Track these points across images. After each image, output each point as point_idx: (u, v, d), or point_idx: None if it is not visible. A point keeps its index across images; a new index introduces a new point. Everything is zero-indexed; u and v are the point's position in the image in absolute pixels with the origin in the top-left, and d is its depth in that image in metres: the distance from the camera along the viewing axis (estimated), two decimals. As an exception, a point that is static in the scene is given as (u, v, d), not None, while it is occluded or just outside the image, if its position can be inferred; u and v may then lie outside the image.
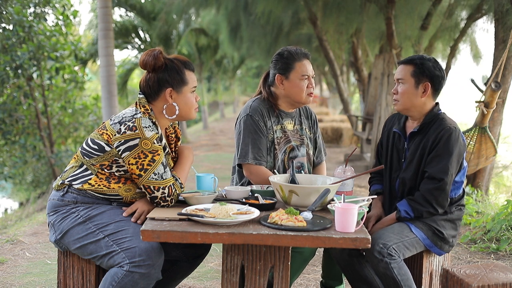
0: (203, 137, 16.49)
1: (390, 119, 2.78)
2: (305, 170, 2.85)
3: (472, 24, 8.01)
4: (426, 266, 2.54)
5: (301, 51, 2.78)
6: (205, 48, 18.55)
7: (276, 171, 2.76)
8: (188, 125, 22.17)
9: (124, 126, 2.22)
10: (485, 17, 7.21)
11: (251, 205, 2.23)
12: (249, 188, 2.51)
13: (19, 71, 10.02)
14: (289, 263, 2.07)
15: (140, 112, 2.29)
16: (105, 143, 2.26)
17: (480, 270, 2.49)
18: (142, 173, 2.22)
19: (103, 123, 2.35)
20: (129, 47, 14.55)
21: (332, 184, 2.36)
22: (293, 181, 2.47)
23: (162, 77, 2.33)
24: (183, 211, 2.09)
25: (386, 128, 2.76)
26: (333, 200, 2.27)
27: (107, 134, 2.26)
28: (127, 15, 14.43)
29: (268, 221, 2.01)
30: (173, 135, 2.51)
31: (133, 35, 14.21)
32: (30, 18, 10.20)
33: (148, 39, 14.24)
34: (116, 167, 2.28)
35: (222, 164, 9.59)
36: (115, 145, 2.23)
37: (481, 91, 4.73)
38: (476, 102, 4.73)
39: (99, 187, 2.29)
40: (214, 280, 3.48)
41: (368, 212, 2.60)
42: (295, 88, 2.75)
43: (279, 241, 1.91)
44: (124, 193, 2.32)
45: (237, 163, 2.78)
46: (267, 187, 2.56)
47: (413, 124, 2.60)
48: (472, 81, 4.81)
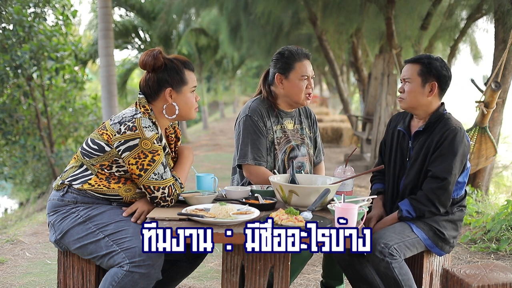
0: (203, 137, 16.49)
1: (394, 117, 2.77)
2: (305, 170, 2.84)
3: (472, 24, 8.02)
4: (426, 266, 2.54)
5: (302, 51, 2.77)
6: (205, 48, 18.55)
7: (276, 171, 2.76)
8: (188, 125, 22.17)
9: (124, 126, 2.22)
10: (485, 17, 7.22)
11: (251, 205, 2.23)
12: (249, 188, 2.51)
13: (19, 71, 10.01)
14: (290, 263, 2.07)
15: (140, 112, 2.29)
16: (105, 143, 2.26)
17: (480, 270, 2.49)
18: (142, 173, 2.22)
19: (103, 123, 2.35)
20: (129, 47, 14.55)
21: (332, 184, 2.36)
22: (293, 181, 2.47)
23: (162, 77, 2.33)
24: (183, 211, 2.09)
25: (391, 126, 2.74)
26: (333, 200, 2.27)
27: (107, 134, 2.26)
28: (127, 15, 14.43)
29: (268, 221, 2.01)
30: (173, 135, 2.51)
31: (133, 35, 14.21)
32: (30, 18, 10.19)
33: (148, 39, 14.24)
34: (116, 167, 2.28)
35: (222, 164, 9.59)
36: (115, 145, 2.23)
37: (481, 91, 4.73)
38: (476, 102, 4.73)
39: (99, 187, 2.29)
40: (214, 280, 3.48)
41: (368, 212, 2.60)
42: (294, 88, 2.75)
43: (279, 241, 1.90)
44: (124, 193, 2.32)
45: (236, 163, 2.78)
46: (267, 187, 2.56)
47: (418, 123, 2.60)
48: (472, 81, 4.81)
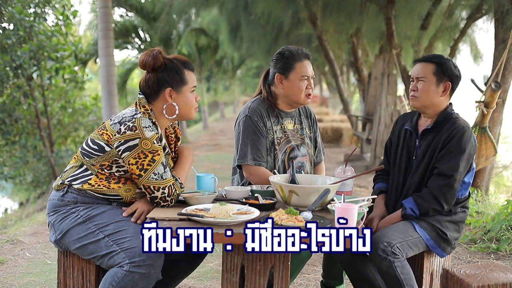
0: (203, 137, 16.48)
1: (401, 117, 2.79)
2: (305, 170, 2.84)
3: (472, 24, 8.01)
4: (426, 266, 2.54)
5: (302, 51, 2.77)
6: (205, 48, 18.55)
7: (276, 171, 2.76)
8: (188, 125, 22.17)
9: (124, 126, 2.22)
10: (485, 17, 7.21)
11: (251, 205, 2.23)
12: (249, 188, 2.51)
13: (19, 71, 10.01)
14: (290, 263, 2.07)
15: (140, 112, 2.29)
16: (105, 143, 2.26)
17: (480, 270, 2.49)
18: (142, 173, 2.22)
19: (103, 123, 2.35)
20: (129, 47, 14.54)
21: (332, 184, 2.36)
22: (293, 181, 2.47)
23: (162, 77, 2.33)
24: (183, 211, 2.09)
25: (397, 126, 2.76)
26: (333, 200, 2.27)
27: (107, 134, 2.26)
28: (127, 15, 14.43)
29: (268, 221, 2.01)
30: (173, 135, 2.51)
31: (133, 35, 14.20)
32: (31, 18, 10.19)
33: (148, 39, 14.24)
34: (116, 167, 2.28)
35: (222, 164, 9.59)
36: (115, 145, 2.23)
37: (481, 91, 4.73)
38: (476, 102, 4.73)
39: (99, 187, 2.29)
40: (214, 280, 3.48)
41: (368, 213, 2.60)
42: (294, 88, 2.75)
43: (279, 241, 1.90)
44: (124, 193, 2.32)
45: (236, 164, 2.78)
46: (267, 187, 2.56)
47: (425, 122, 2.61)
48: (472, 81, 4.81)
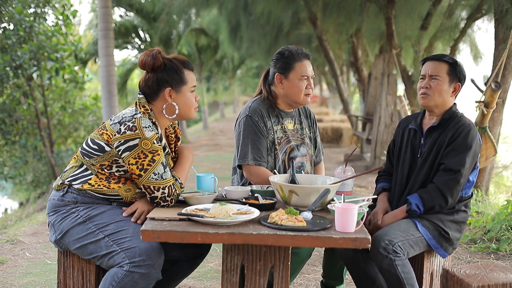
0: (203, 137, 16.48)
1: (404, 120, 2.83)
2: (305, 170, 2.84)
3: (472, 24, 8.01)
4: (427, 266, 2.54)
5: (302, 51, 2.77)
6: (205, 48, 18.55)
7: (276, 171, 2.76)
8: (188, 125, 22.17)
9: (124, 126, 2.22)
10: (485, 17, 7.21)
11: (251, 205, 2.23)
12: (249, 188, 2.51)
13: (19, 71, 10.01)
14: (289, 263, 2.07)
15: (140, 112, 2.29)
16: (105, 143, 2.26)
17: (480, 270, 2.49)
18: (142, 173, 2.22)
19: (103, 123, 2.35)
20: (129, 47, 14.54)
21: (332, 184, 2.36)
22: (293, 181, 2.46)
23: (161, 77, 2.33)
24: (183, 211, 2.09)
25: (401, 127, 2.79)
26: (333, 200, 2.27)
27: (107, 134, 2.26)
28: (127, 15, 14.43)
29: (268, 221, 2.01)
30: (173, 135, 2.51)
31: (133, 35, 14.20)
32: (31, 18, 10.19)
33: (148, 39, 14.24)
34: (116, 167, 2.28)
35: (222, 164, 9.59)
36: (115, 145, 2.23)
37: (481, 91, 4.72)
38: (476, 102, 4.73)
39: (99, 187, 2.29)
40: (214, 280, 3.48)
41: (368, 213, 2.60)
42: (293, 88, 2.75)
43: (279, 241, 1.91)
44: (124, 193, 2.32)
45: (237, 164, 2.78)
46: (267, 187, 2.56)
47: (430, 121, 2.64)
48: (472, 81, 4.80)
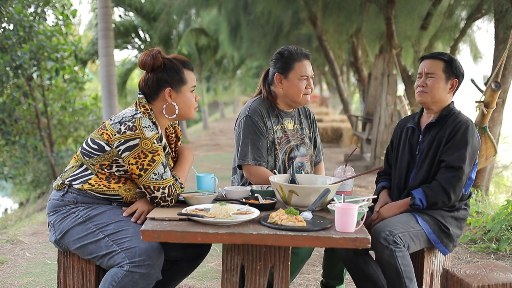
0: (203, 137, 16.48)
1: (402, 120, 2.85)
2: (305, 170, 2.84)
3: (472, 24, 8.01)
4: (426, 266, 2.54)
5: (302, 51, 2.77)
6: (205, 48, 18.55)
7: (276, 171, 2.76)
8: (188, 125, 22.17)
9: (124, 126, 2.22)
10: (485, 17, 7.21)
11: (251, 205, 2.23)
12: (249, 188, 2.51)
13: (19, 71, 10.01)
14: (289, 263, 2.07)
15: (140, 112, 2.29)
16: (105, 143, 2.26)
17: (480, 270, 2.49)
18: (142, 173, 2.22)
19: (103, 123, 2.35)
20: (129, 47, 14.55)
21: (332, 184, 2.36)
22: (293, 181, 2.46)
23: (161, 77, 2.33)
24: (183, 211, 2.09)
25: (399, 127, 2.81)
26: (333, 200, 2.27)
27: (107, 134, 2.26)
28: (127, 15, 14.43)
29: (268, 221, 2.01)
30: (173, 135, 2.51)
31: (133, 35, 14.21)
32: (31, 18, 10.19)
33: (148, 39, 14.24)
34: (116, 167, 2.28)
35: (222, 164, 9.59)
36: (115, 145, 2.23)
37: (481, 91, 4.72)
38: (476, 102, 4.73)
39: (99, 187, 2.29)
40: (214, 280, 3.48)
41: (368, 213, 2.60)
42: (293, 88, 2.75)
43: (279, 241, 1.91)
44: (124, 193, 2.32)
45: (237, 164, 2.78)
46: (267, 187, 2.56)
47: (428, 119, 2.65)
48: (472, 81, 4.80)
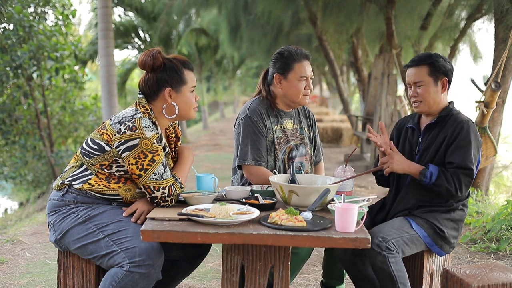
0: (203, 137, 16.48)
1: (402, 120, 2.84)
2: (305, 170, 2.84)
3: (472, 24, 8.01)
4: (426, 266, 2.54)
5: (302, 51, 2.77)
6: (205, 48, 18.55)
7: (276, 171, 2.76)
8: (188, 125, 22.17)
9: (124, 126, 2.22)
10: (485, 17, 7.21)
11: (251, 205, 2.23)
12: (249, 188, 2.51)
13: (19, 71, 10.01)
14: (289, 263, 2.07)
15: (140, 112, 2.29)
16: (105, 143, 2.26)
17: (480, 270, 2.49)
18: (142, 173, 2.22)
19: (103, 123, 2.35)
20: (129, 47, 14.55)
21: (332, 184, 2.36)
22: (293, 181, 2.46)
23: (161, 77, 2.33)
24: (183, 211, 2.09)
25: (398, 126, 2.80)
26: (333, 200, 2.27)
27: (107, 134, 2.26)
28: (127, 15, 14.43)
29: (268, 221, 2.01)
30: (173, 135, 2.51)
31: (133, 35, 14.21)
32: (30, 18, 10.19)
33: (148, 39, 14.24)
34: (116, 167, 2.28)
35: (222, 164, 9.59)
36: (115, 145, 2.23)
37: (481, 91, 4.72)
38: (476, 102, 4.73)
39: (99, 187, 2.29)
40: (214, 280, 3.48)
41: (368, 213, 2.60)
42: (292, 88, 2.75)
43: (279, 241, 1.91)
44: (124, 193, 2.32)
45: (236, 164, 2.78)
46: (267, 187, 2.56)
47: (427, 120, 2.64)
48: (472, 81, 4.80)
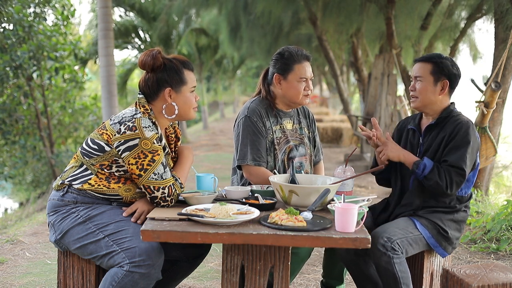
0: (203, 137, 16.48)
1: (403, 120, 2.83)
2: (304, 170, 2.84)
3: (472, 24, 8.01)
4: (427, 266, 2.54)
5: (302, 52, 2.76)
6: (205, 48, 18.56)
7: (276, 171, 2.76)
8: (188, 125, 22.17)
9: (124, 126, 2.22)
10: (485, 17, 7.21)
11: (251, 205, 2.23)
12: (249, 188, 2.51)
13: (19, 71, 10.01)
14: (289, 263, 2.07)
15: (140, 112, 2.29)
16: (105, 143, 2.26)
17: (480, 270, 2.49)
18: (142, 173, 2.22)
19: (103, 123, 2.35)
20: (129, 47, 14.55)
21: (332, 184, 2.36)
22: (293, 181, 2.46)
23: (161, 77, 2.33)
24: (183, 211, 2.09)
25: (399, 127, 2.80)
26: (333, 200, 2.27)
27: (107, 134, 2.26)
28: (127, 15, 14.44)
29: (268, 221, 2.01)
30: (173, 135, 2.51)
31: (133, 35, 14.21)
32: (30, 18, 10.19)
33: (148, 39, 14.25)
34: (116, 167, 2.28)
35: (222, 164, 9.59)
36: (115, 145, 2.23)
37: (481, 91, 4.73)
38: (476, 102, 4.73)
39: (99, 187, 2.29)
40: (214, 280, 3.48)
41: (368, 213, 2.60)
42: (292, 89, 2.75)
43: (279, 241, 1.91)
44: (124, 193, 2.32)
45: (236, 164, 2.78)
46: (267, 187, 2.56)
47: (428, 121, 2.64)
48: (472, 81, 4.80)
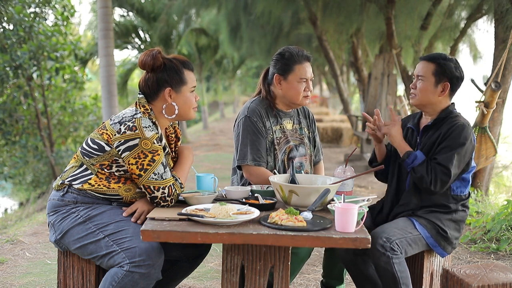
0: (203, 137, 16.49)
1: (405, 118, 2.83)
2: (304, 170, 2.84)
3: (472, 24, 8.02)
4: (426, 266, 2.54)
5: (303, 53, 2.76)
6: (205, 48, 18.56)
7: (276, 171, 2.76)
8: (188, 125, 22.17)
9: (124, 126, 2.22)
10: (485, 17, 7.21)
11: (251, 205, 2.23)
12: (249, 188, 2.51)
13: (19, 71, 10.01)
14: (289, 263, 2.07)
15: (140, 112, 2.29)
16: (105, 143, 2.26)
17: (480, 270, 2.49)
18: (142, 173, 2.22)
19: (103, 123, 2.35)
20: (129, 47, 14.55)
21: (332, 184, 2.36)
22: (293, 181, 2.46)
23: (161, 77, 2.33)
24: (183, 211, 2.09)
25: (401, 124, 2.78)
26: (333, 200, 2.27)
27: (107, 134, 2.26)
28: (127, 15, 14.43)
29: (268, 221, 2.01)
30: (173, 135, 2.51)
31: (133, 35, 14.21)
32: (30, 18, 10.20)
33: (148, 39, 14.24)
34: (116, 167, 2.28)
35: (222, 164, 9.59)
36: (115, 145, 2.23)
37: (481, 91, 4.73)
38: (476, 102, 4.73)
39: (99, 187, 2.29)
40: (214, 280, 3.48)
41: (368, 213, 2.60)
42: (292, 90, 2.75)
43: (279, 241, 1.91)
44: (124, 193, 2.32)
45: (236, 164, 2.78)
46: (267, 187, 2.56)
47: (427, 120, 2.64)
48: (472, 81, 4.81)
